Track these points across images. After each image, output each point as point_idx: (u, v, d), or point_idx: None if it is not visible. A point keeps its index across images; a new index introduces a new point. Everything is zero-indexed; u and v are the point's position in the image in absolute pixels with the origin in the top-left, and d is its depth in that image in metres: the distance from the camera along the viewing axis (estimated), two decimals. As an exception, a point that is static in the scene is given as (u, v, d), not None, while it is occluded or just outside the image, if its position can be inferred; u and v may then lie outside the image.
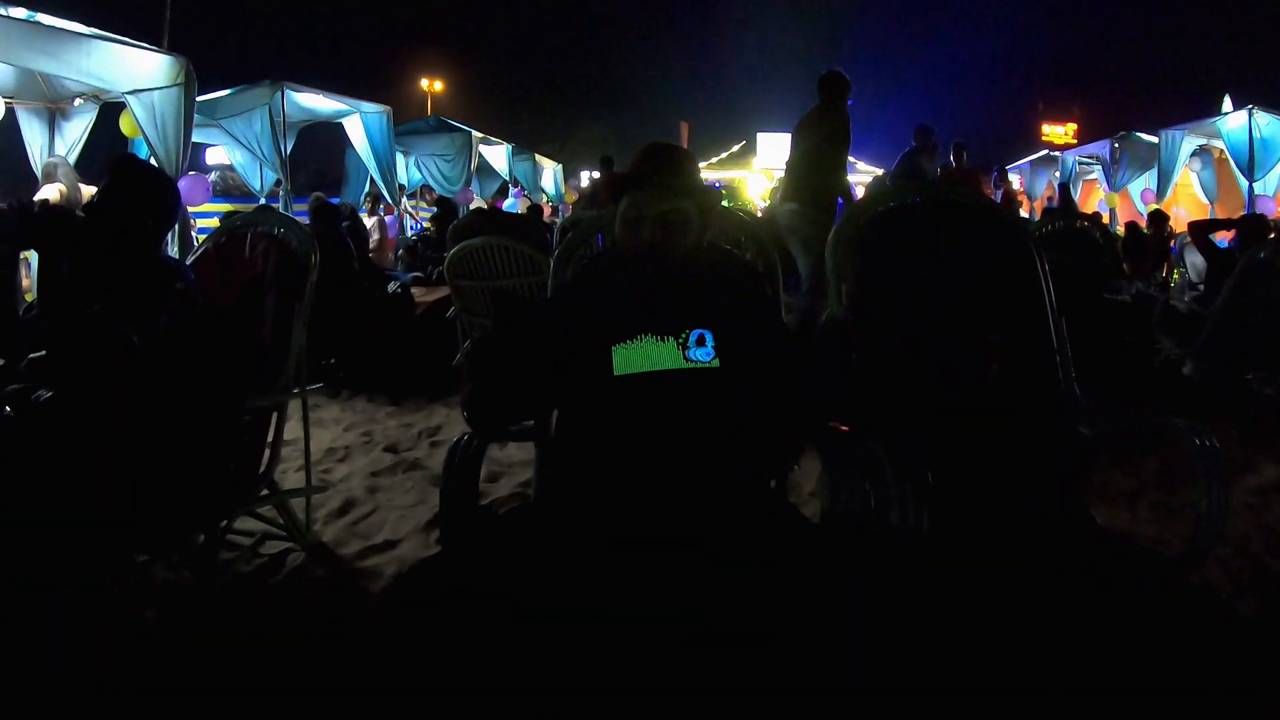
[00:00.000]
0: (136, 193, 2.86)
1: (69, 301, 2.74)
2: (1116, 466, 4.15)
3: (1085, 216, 8.06)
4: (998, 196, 12.03)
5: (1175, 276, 8.72)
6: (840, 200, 6.25)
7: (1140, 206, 14.16)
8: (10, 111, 7.74)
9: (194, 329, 2.83)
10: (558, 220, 11.31)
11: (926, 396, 2.21)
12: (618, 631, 1.50)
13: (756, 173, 35.44)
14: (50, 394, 2.65)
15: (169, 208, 2.99)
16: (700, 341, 1.90)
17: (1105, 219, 13.68)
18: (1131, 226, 10.66)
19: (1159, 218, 9.94)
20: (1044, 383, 2.40)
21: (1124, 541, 2.48)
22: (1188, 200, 14.66)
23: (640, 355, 1.90)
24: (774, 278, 2.40)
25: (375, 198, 12.52)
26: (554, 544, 1.72)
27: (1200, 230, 6.83)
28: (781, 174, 8.66)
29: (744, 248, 2.58)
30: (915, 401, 2.18)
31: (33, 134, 8.17)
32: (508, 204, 15.60)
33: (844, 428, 1.87)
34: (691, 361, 1.90)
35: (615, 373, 1.90)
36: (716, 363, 1.90)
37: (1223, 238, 7.45)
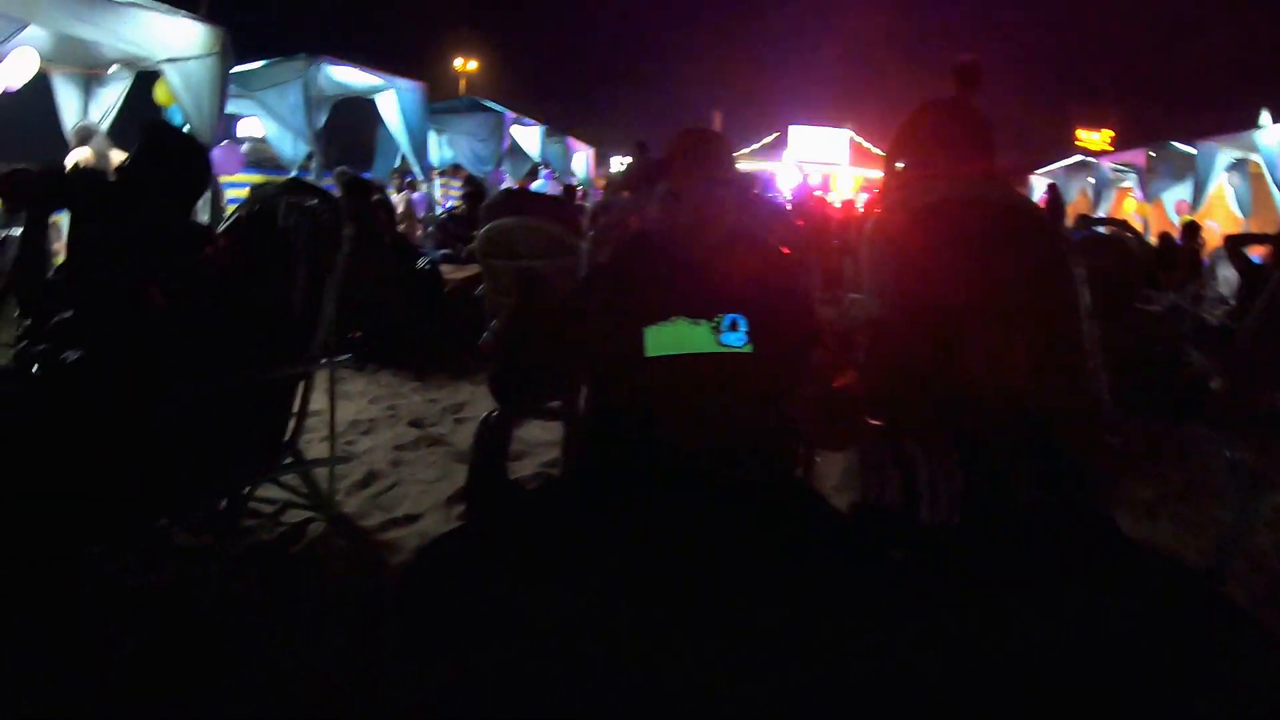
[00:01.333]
0: (167, 157, 2.88)
1: (96, 263, 2.77)
2: (1139, 477, 4.13)
3: (1115, 222, 7.95)
4: None
5: (1207, 291, 8.62)
6: None
7: (1173, 217, 14.01)
8: (45, 76, 7.77)
9: (221, 293, 2.84)
10: (587, 204, 11.27)
11: (958, 394, 2.20)
12: (641, 611, 1.50)
13: (788, 165, 35.22)
14: (77, 355, 2.67)
15: (198, 173, 3.01)
16: (734, 326, 1.91)
17: (1140, 229, 13.55)
18: (1165, 237, 10.55)
19: (1192, 229, 9.83)
20: (1073, 387, 2.38)
21: (1149, 551, 2.47)
22: (1221, 213, 14.50)
23: (673, 337, 1.90)
24: (808, 270, 2.39)
25: (402, 174, 12.49)
26: (582, 521, 1.73)
27: (1236, 244, 6.76)
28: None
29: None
30: (946, 399, 2.17)
31: (67, 100, 8.18)
32: (536, 185, 15.58)
33: (876, 422, 1.86)
34: (725, 346, 1.90)
35: (647, 354, 1.90)
36: (750, 348, 1.90)
37: (1257, 253, 7.36)
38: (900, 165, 4.94)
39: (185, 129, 6.94)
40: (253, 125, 13.26)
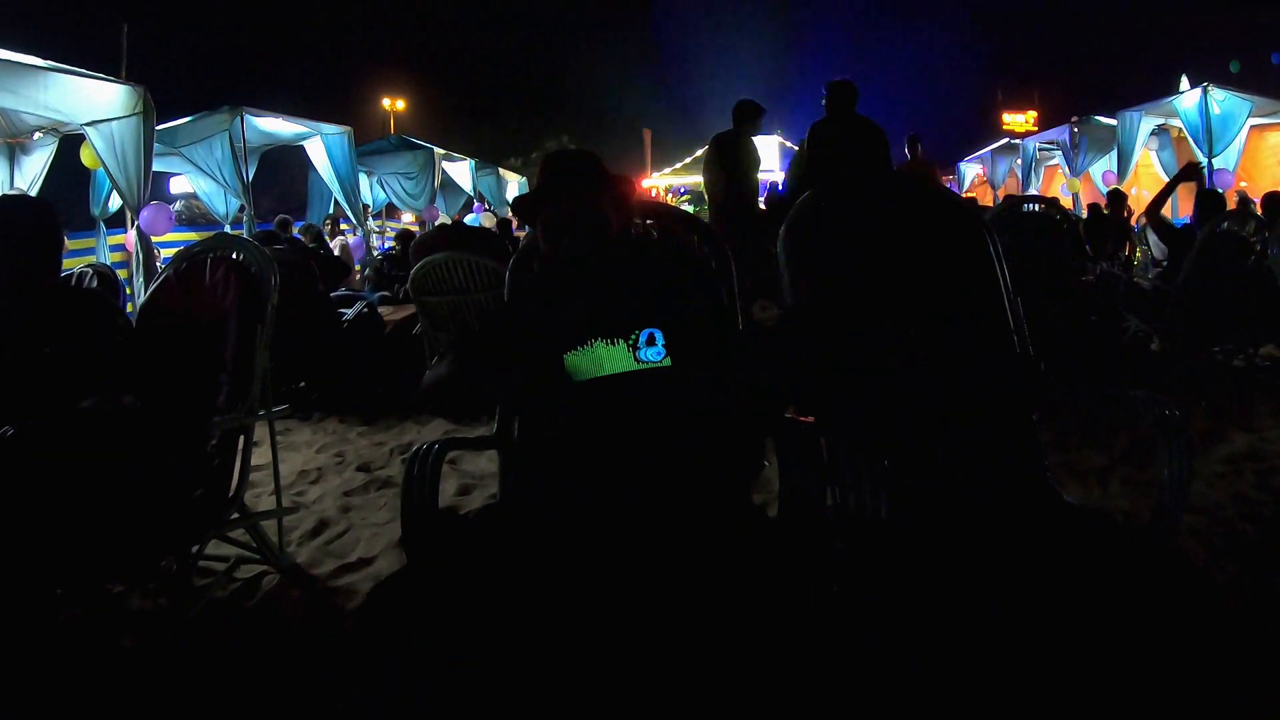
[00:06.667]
0: (12, 242, 2.78)
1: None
2: (1087, 444, 4.19)
3: (1040, 199, 8.09)
4: None
5: (1138, 256, 8.80)
6: None
7: (1102, 189, 14.26)
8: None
9: (148, 353, 2.81)
10: (524, 233, 11.27)
11: (883, 383, 2.22)
12: (580, 632, 1.50)
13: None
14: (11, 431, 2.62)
15: (48, 230, 2.88)
16: (650, 341, 1.90)
17: (1068, 203, 13.78)
18: (1093, 208, 10.74)
19: (1118, 198, 10.02)
20: (1002, 364, 2.41)
21: (1093, 515, 2.50)
22: (1149, 180, 14.77)
23: (591, 361, 1.91)
24: (727, 275, 2.39)
25: (335, 220, 12.43)
26: (517, 545, 1.72)
27: (1153, 210, 6.87)
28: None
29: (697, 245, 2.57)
30: (872, 389, 2.19)
31: (-8, 170, 8.10)
32: (469, 219, 15.58)
33: (805, 419, 1.87)
34: (643, 362, 1.89)
35: (569, 380, 1.90)
36: (668, 361, 1.90)
37: (1185, 215, 7.50)
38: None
39: (112, 191, 6.85)
40: (184, 183, 13.15)
